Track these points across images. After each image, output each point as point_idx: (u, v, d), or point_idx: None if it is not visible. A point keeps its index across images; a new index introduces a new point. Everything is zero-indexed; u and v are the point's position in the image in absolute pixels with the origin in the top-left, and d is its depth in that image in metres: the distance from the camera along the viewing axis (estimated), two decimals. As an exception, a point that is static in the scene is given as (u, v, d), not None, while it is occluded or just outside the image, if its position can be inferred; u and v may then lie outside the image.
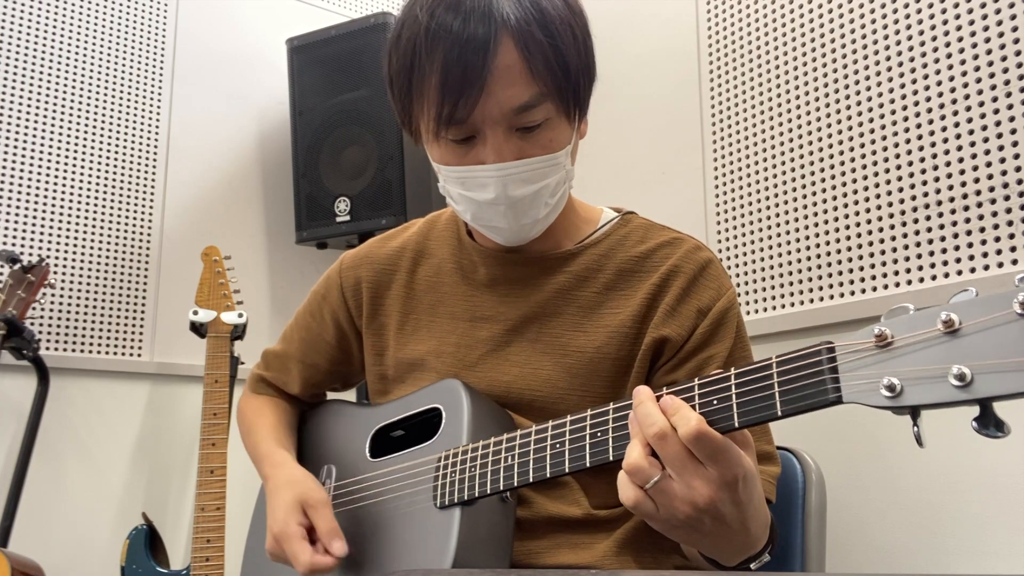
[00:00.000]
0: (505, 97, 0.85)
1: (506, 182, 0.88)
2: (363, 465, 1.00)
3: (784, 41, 1.57)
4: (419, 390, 1.00)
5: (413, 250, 1.08)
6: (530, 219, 0.92)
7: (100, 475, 1.98)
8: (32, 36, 2.03)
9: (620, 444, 0.73)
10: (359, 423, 1.06)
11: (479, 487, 0.84)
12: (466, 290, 1.02)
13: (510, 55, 0.84)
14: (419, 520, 0.88)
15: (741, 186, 1.61)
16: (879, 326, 0.56)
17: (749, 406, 0.65)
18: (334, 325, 1.11)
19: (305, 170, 2.17)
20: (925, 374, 0.53)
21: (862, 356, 0.57)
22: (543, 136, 0.88)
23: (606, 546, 0.93)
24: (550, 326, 0.97)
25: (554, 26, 0.86)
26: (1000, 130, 1.22)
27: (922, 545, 1.26)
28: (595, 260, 0.99)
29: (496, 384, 0.97)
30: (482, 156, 0.88)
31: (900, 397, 0.54)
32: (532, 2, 0.86)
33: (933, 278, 1.28)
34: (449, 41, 0.84)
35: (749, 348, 0.99)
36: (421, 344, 1.03)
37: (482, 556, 0.85)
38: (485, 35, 0.83)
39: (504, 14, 0.84)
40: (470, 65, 0.83)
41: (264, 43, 2.39)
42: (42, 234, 1.98)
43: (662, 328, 0.94)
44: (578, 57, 0.89)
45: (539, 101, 0.86)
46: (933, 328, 0.54)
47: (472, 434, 0.89)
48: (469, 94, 0.84)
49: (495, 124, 0.87)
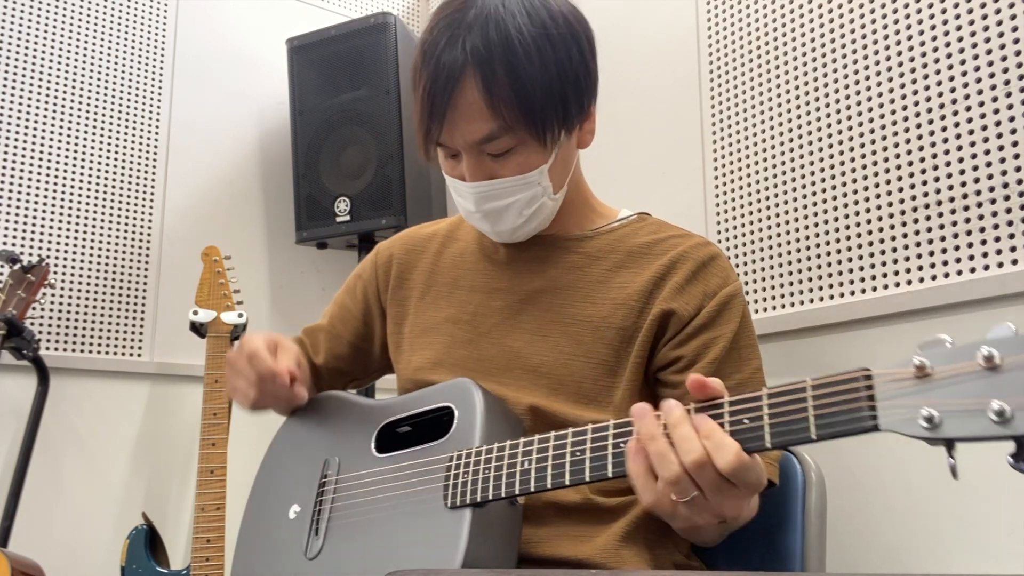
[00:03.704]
0: (468, 131, 0.94)
1: (478, 198, 0.98)
2: (369, 460, 0.99)
3: (784, 41, 1.56)
4: (429, 388, 1.00)
5: (444, 235, 1.17)
6: (507, 227, 1.01)
7: (100, 475, 1.98)
8: (32, 36, 2.03)
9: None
10: (365, 417, 1.05)
11: (493, 489, 0.83)
12: (486, 266, 1.09)
13: (471, 93, 0.92)
14: (427, 519, 0.87)
15: (741, 186, 1.61)
16: (918, 357, 0.57)
17: (782, 428, 0.65)
18: (363, 298, 1.19)
19: (305, 170, 2.17)
20: (964, 407, 0.54)
21: (900, 386, 0.58)
22: (513, 160, 0.96)
23: (605, 539, 0.94)
24: (560, 298, 1.03)
25: (519, 62, 0.91)
26: (1000, 130, 1.22)
27: (922, 545, 1.26)
28: (608, 243, 1.06)
29: (506, 349, 1.02)
30: (463, 172, 0.98)
31: (938, 429, 0.55)
32: (503, 40, 0.91)
33: (933, 278, 1.28)
34: (429, 71, 0.94)
35: (755, 338, 1.02)
36: (439, 312, 1.09)
37: (490, 558, 0.84)
38: (451, 72, 0.92)
39: (473, 51, 0.91)
40: (437, 100, 0.93)
41: (264, 43, 2.39)
42: (42, 234, 1.98)
43: (670, 302, 0.98)
44: (548, 91, 0.93)
45: (501, 133, 0.93)
46: (973, 362, 0.54)
47: (485, 435, 0.88)
48: (439, 124, 0.94)
49: (467, 149, 0.96)
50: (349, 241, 2.21)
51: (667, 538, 0.98)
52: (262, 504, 1.10)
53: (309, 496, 1.03)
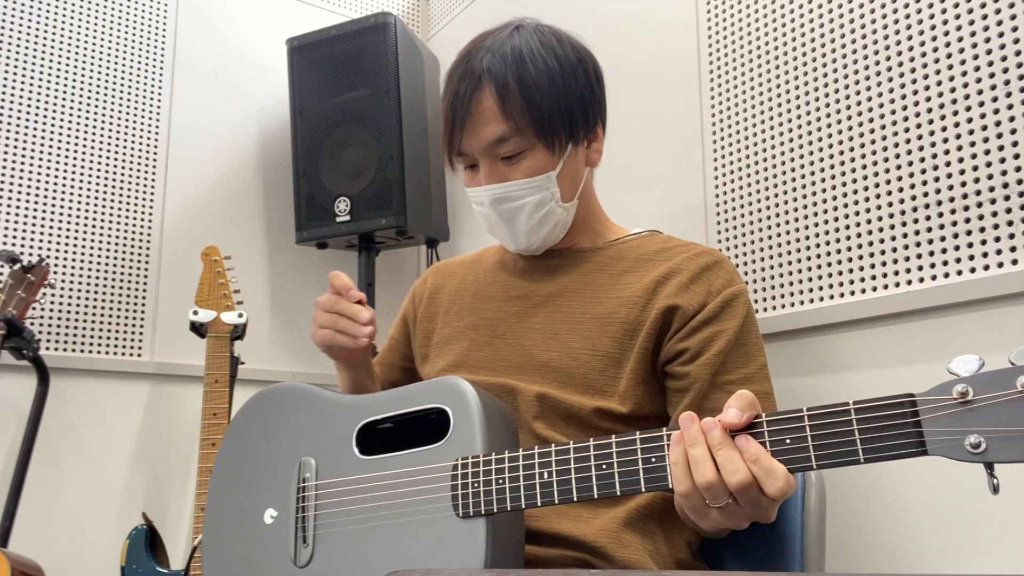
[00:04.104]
0: (483, 133, 1.07)
1: (493, 199, 1.10)
2: (352, 462, 0.95)
3: (784, 41, 1.56)
4: (411, 385, 0.98)
5: (472, 260, 1.30)
6: (521, 229, 1.12)
7: (100, 475, 1.98)
8: (32, 36, 2.03)
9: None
10: (340, 415, 1.00)
11: (511, 501, 0.82)
12: (505, 277, 1.20)
13: (487, 100, 1.06)
14: (438, 527, 0.85)
15: (741, 186, 1.61)
16: (960, 384, 0.62)
17: (829, 450, 0.68)
18: (404, 325, 1.32)
19: (305, 170, 2.17)
20: (1008, 434, 0.59)
21: (945, 411, 0.62)
22: (523, 164, 1.08)
23: (605, 521, 0.97)
24: (571, 300, 1.12)
25: (530, 76, 1.06)
26: (1000, 130, 1.22)
27: (922, 545, 1.26)
28: (618, 252, 1.15)
29: (520, 348, 1.11)
30: (480, 180, 1.11)
31: (985, 453, 0.60)
32: (516, 58, 1.07)
33: (933, 278, 1.28)
34: (452, 87, 1.09)
35: (760, 337, 1.06)
36: (462, 321, 1.19)
37: (504, 560, 0.84)
38: (471, 84, 1.07)
39: (489, 66, 1.07)
40: (458, 109, 1.08)
41: (264, 43, 2.39)
42: (42, 234, 1.98)
43: (674, 298, 1.04)
44: (554, 100, 1.07)
45: (511, 135, 1.06)
46: (1012, 389, 0.59)
47: (487, 441, 0.87)
48: (460, 131, 1.08)
49: (483, 154, 1.09)
50: (349, 241, 2.21)
51: (668, 528, 1.00)
52: (227, 506, 1.05)
53: (287, 500, 0.99)
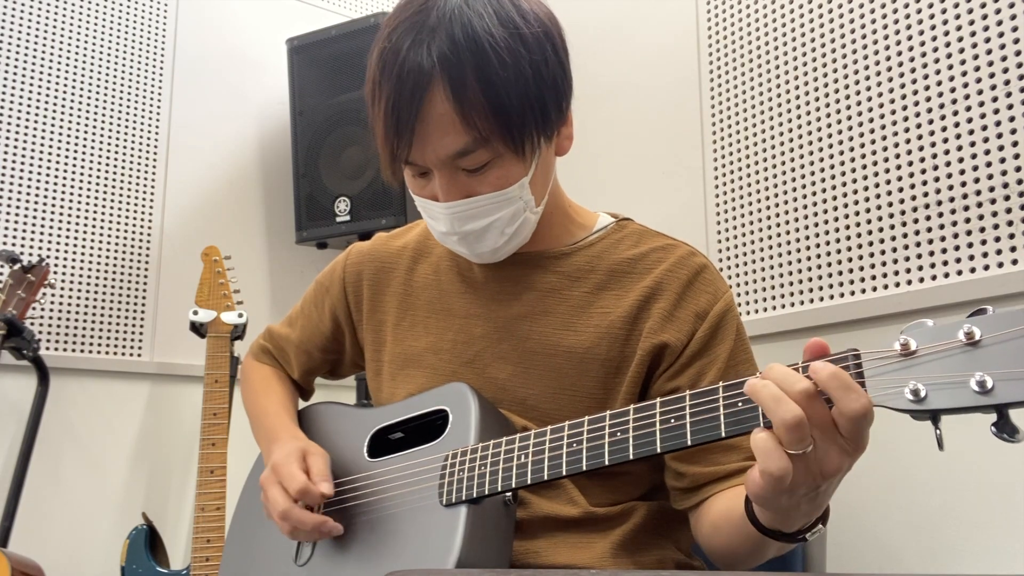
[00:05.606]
0: (440, 145, 0.85)
1: (454, 219, 0.90)
2: (361, 464, 0.99)
3: (784, 41, 1.57)
4: (422, 392, 1.00)
5: (414, 249, 1.09)
6: (487, 248, 0.93)
7: (100, 475, 1.98)
8: (32, 36, 2.03)
9: (641, 443, 0.74)
10: (358, 424, 1.05)
11: (489, 484, 0.83)
12: (462, 287, 1.03)
13: (441, 105, 0.83)
14: (423, 517, 0.88)
15: (741, 186, 1.61)
16: (902, 336, 0.61)
17: None
18: (331, 318, 1.14)
19: (305, 170, 2.17)
20: (947, 381, 0.58)
21: (887, 363, 0.61)
22: (491, 175, 0.88)
23: (602, 547, 0.93)
24: (541, 324, 0.97)
25: (493, 70, 0.83)
26: (1000, 130, 1.22)
27: (922, 545, 1.26)
28: (587, 261, 0.99)
29: (492, 381, 0.97)
30: (434, 192, 0.90)
31: (924, 401, 0.58)
32: (471, 39, 0.83)
33: (933, 278, 1.28)
34: (391, 83, 0.85)
35: (750, 349, 0.99)
36: (418, 340, 1.04)
37: (485, 555, 0.84)
38: (417, 81, 0.83)
39: (440, 54, 0.83)
40: (403, 115, 0.84)
41: (264, 43, 2.39)
42: (42, 234, 1.98)
43: (660, 334, 0.93)
44: (524, 96, 0.85)
45: (476, 146, 0.85)
46: (954, 340, 0.58)
47: (480, 435, 0.89)
48: (407, 141, 0.85)
49: (439, 166, 0.87)
50: (349, 241, 2.20)
51: (667, 539, 0.98)
52: (250, 511, 1.10)
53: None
